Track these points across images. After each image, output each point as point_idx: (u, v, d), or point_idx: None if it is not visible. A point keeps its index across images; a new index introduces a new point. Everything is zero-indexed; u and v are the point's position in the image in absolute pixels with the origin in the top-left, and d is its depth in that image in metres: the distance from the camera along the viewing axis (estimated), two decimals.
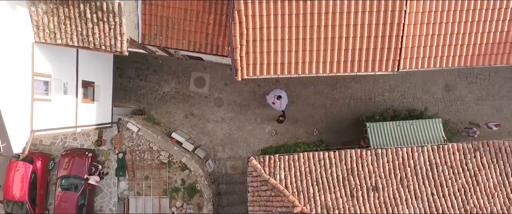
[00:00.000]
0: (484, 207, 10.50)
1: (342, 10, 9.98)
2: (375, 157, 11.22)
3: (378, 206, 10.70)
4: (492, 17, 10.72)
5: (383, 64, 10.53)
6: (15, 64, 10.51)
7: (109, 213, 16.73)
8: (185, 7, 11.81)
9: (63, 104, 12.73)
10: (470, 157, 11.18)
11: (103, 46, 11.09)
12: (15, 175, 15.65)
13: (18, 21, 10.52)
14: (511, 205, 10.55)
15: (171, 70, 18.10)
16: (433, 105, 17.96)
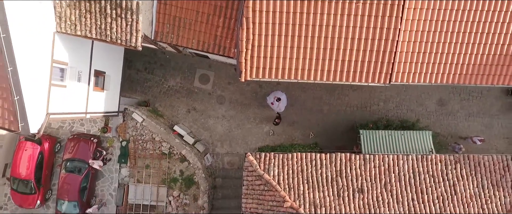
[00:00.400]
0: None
1: (342, 24, 11.00)
2: (363, 162, 12.24)
3: (362, 207, 11.71)
4: (480, 40, 11.72)
5: (376, 76, 11.55)
6: (36, 51, 11.53)
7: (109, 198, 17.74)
8: (197, 9, 12.83)
9: (76, 91, 13.76)
10: (450, 168, 12.20)
11: (119, 40, 12.11)
12: (23, 155, 16.68)
13: (42, 11, 11.54)
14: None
15: (177, 66, 19.11)
16: (425, 117, 18.95)
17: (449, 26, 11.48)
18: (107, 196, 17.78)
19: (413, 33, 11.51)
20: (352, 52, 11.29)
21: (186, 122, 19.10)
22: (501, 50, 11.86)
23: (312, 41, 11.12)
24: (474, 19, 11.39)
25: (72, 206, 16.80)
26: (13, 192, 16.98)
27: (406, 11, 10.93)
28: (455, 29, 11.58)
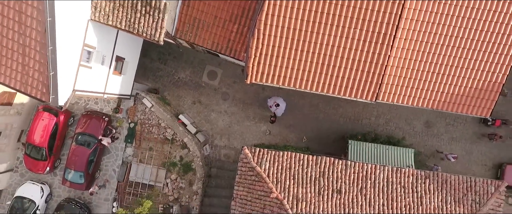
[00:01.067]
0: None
1: (340, 45, 12.93)
2: (344, 167, 14.17)
3: (338, 206, 13.65)
4: (460, 73, 13.63)
5: (364, 93, 13.47)
6: (72, 35, 13.46)
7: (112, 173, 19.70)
8: (216, 14, 14.77)
9: (99, 73, 15.71)
10: (420, 182, 14.13)
11: (144, 34, 14.06)
12: (40, 124, 18.61)
13: (80, 1, 13.45)
14: None
15: (189, 60, 21.05)
16: (411, 136, 20.87)
17: (434, 58, 13.39)
18: (110, 171, 19.72)
19: (402, 60, 13.42)
20: (346, 70, 13.22)
21: (190, 112, 21.03)
22: (476, 85, 13.77)
23: (312, 57, 13.06)
24: (456, 55, 13.30)
25: (78, 176, 18.73)
26: (26, 156, 18.92)
27: (396, 40, 12.85)
28: (439, 61, 13.48)
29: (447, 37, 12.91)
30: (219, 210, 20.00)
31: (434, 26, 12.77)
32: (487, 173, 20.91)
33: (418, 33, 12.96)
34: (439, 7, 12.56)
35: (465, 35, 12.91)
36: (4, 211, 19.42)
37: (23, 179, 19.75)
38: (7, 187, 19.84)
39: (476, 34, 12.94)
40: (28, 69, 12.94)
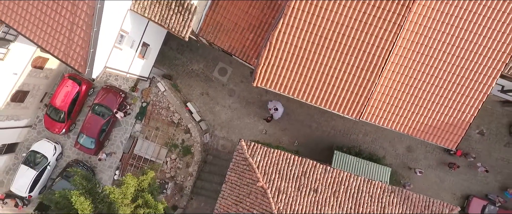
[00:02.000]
0: None
1: (336, 67, 15.70)
2: (323, 171, 16.95)
3: (312, 202, 16.42)
4: (434, 108, 16.38)
5: (351, 111, 16.24)
6: (113, 20, 16.23)
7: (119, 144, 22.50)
8: (236, 22, 17.56)
9: (127, 54, 18.51)
10: (386, 194, 16.89)
11: (173, 29, 16.85)
12: (64, 89, 21.45)
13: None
14: None
15: (204, 54, 23.82)
16: (392, 157, 23.62)
17: (414, 91, 16.13)
18: (118, 142, 22.53)
19: (387, 88, 16.17)
20: (338, 88, 16.01)
21: (197, 102, 23.81)
22: (448, 120, 16.53)
23: (312, 73, 15.84)
24: (433, 92, 16.06)
25: (89, 141, 21.55)
26: (46, 116, 21.74)
27: (385, 71, 15.62)
28: (418, 95, 16.23)
29: (425, 74, 15.67)
30: (209, 194, 22.80)
31: (415, 65, 15.53)
32: (454, 201, 23.66)
33: (404, 68, 15.72)
34: (421, 51, 15.32)
35: (439, 77, 15.67)
36: (19, 161, 22.24)
37: (39, 136, 22.58)
38: (24, 141, 22.67)
39: (450, 78, 15.70)
40: (72, 43, 15.74)
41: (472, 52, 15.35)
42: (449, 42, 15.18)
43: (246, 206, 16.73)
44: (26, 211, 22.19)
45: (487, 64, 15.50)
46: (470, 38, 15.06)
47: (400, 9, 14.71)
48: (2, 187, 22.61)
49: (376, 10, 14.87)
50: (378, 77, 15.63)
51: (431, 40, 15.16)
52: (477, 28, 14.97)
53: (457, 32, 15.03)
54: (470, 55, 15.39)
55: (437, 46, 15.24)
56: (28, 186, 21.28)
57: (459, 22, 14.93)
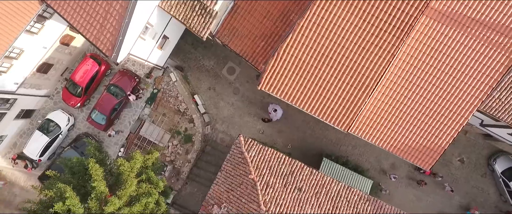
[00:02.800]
0: None
1: (332, 82, 18.17)
2: (309, 173, 19.45)
3: (295, 199, 18.90)
4: (415, 131, 18.85)
5: (340, 123, 18.72)
6: (142, 13, 18.69)
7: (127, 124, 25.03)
8: (250, 29, 20.05)
9: (148, 45, 21.00)
10: (362, 202, 19.38)
11: (193, 28, 19.34)
12: (84, 67, 23.97)
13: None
14: None
15: (216, 52, 26.30)
16: (376, 171, 26.09)
17: (398, 113, 18.60)
18: (126, 122, 25.05)
19: (375, 107, 18.62)
20: (332, 102, 18.48)
21: (204, 95, 26.29)
22: (426, 143, 19.01)
23: (311, 85, 18.35)
24: (416, 116, 18.53)
25: (101, 117, 24.06)
26: (64, 89, 24.26)
27: (375, 93, 18.08)
28: (402, 117, 18.70)
29: (409, 99, 18.16)
30: (203, 181, 25.30)
31: (402, 90, 18.01)
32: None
33: (392, 91, 18.19)
34: (408, 78, 17.80)
35: (422, 103, 18.16)
36: (34, 127, 24.75)
37: (55, 107, 25.12)
38: (40, 109, 25.19)
39: (432, 105, 18.18)
40: (103, 29, 18.23)
41: (453, 86, 17.81)
42: (434, 74, 17.65)
43: (236, 194, 19.24)
44: (34, 173, 24.71)
45: (466, 98, 17.96)
46: (452, 73, 17.53)
47: (395, 41, 17.18)
48: (15, 148, 25.13)
49: (375, 38, 17.34)
50: (368, 96, 18.10)
51: (418, 70, 17.65)
52: (459, 67, 17.44)
53: (441, 66, 17.50)
54: (451, 89, 17.86)
55: (423, 76, 17.73)
56: (40, 150, 23.79)
57: (443, 59, 17.40)
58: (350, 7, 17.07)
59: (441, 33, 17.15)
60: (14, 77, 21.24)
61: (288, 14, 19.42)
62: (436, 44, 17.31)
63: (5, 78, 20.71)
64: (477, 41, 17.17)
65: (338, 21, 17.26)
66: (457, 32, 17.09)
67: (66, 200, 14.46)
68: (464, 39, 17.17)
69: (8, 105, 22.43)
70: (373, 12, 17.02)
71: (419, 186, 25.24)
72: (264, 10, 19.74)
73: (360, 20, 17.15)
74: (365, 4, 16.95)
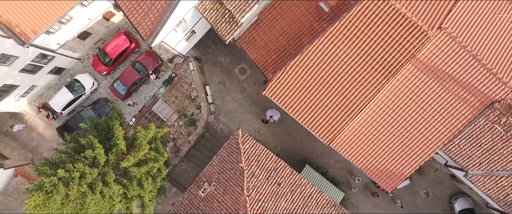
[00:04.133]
0: None
1: (325, 103, 22.67)
2: (290, 173, 23.98)
3: (273, 192, 23.40)
4: (385, 155, 23.33)
5: (325, 136, 23.19)
6: (180, 11, 23.14)
7: (143, 98, 29.59)
8: (266, 42, 24.56)
9: (178, 36, 25.51)
10: (329, 206, 23.85)
11: (219, 31, 23.82)
12: (117, 41, 28.49)
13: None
14: None
15: (233, 52, 30.78)
16: (352, 186, 30.55)
17: (375, 139, 23.06)
18: (142, 97, 29.58)
19: (356, 129, 23.08)
20: (321, 118, 22.96)
21: (214, 88, 30.80)
22: (392, 168, 23.50)
23: (306, 101, 22.80)
24: (388, 144, 23.02)
25: (122, 88, 28.57)
26: (96, 57, 28.79)
27: (358, 117, 22.55)
28: (377, 142, 23.16)
29: (385, 129, 22.65)
30: (197, 162, 29.85)
31: (380, 120, 22.50)
32: None
33: (372, 119, 22.67)
34: (387, 111, 22.28)
35: (394, 135, 22.64)
36: (61, 84, 29.30)
37: (84, 70, 29.67)
38: (70, 69, 29.71)
39: (403, 138, 22.67)
40: (146, 17, 22.70)
41: (423, 126, 22.30)
42: (408, 112, 22.13)
43: (225, 176, 23.76)
44: (53, 123, 29.26)
45: (431, 139, 22.45)
46: (423, 115, 22.02)
47: (382, 80, 21.65)
48: (41, 98, 29.66)
49: (366, 74, 21.82)
50: (352, 120, 22.58)
51: (396, 106, 22.15)
52: (430, 111, 21.92)
53: (415, 107, 21.99)
54: (421, 128, 22.36)
55: (399, 111, 22.23)
56: (63, 105, 28.32)
57: (418, 101, 21.89)
58: (352, 45, 21.55)
59: (421, 80, 21.64)
60: (58, 38, 25.69)
61: (301, 37, 23.92)
62: (415, 88, 21.79)
63: (51, 38, 25.17)
64: (449, 93, 21.66)
65: (339, 53, 21.74)
66: (433, 82, 21.58)
67: (95, 149, 18.92)
68: (439, 89, 21.66)
69: (46, 60, 26.92)
70: (369, 53, 21.49)
71: (372, 197, 29.76)
72: (282, 29, 24.25)
73: (357, 56, 21.64)
74: (364, 45, 21.42)
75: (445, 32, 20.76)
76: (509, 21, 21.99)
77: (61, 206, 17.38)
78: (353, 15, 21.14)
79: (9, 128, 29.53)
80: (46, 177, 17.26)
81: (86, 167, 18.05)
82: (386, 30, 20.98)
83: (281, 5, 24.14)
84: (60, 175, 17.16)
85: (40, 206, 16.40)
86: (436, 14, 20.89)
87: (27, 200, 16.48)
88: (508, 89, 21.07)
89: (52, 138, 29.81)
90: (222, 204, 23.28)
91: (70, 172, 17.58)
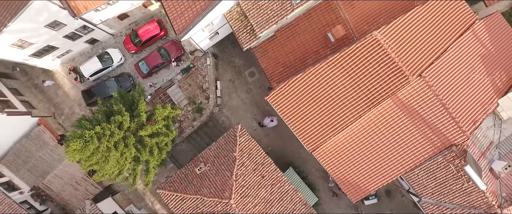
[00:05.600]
0: None
1: (314, 115, 28.33)
2: (274, 169, 29.62)
3: (257, 183, 29.05)
4: (357, 170, 28.95)
5: (309, 144, 28.79)
6: (212, 16, 28.72)
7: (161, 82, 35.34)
8: (277, 56, 30.23)
9: (204, 34, 31.19)
10: (301, 205, 29.48)
11: (239, 39, 29.45)
12: (149, 26, 34.24)
13: (228, 4, 28.78)
14: None
15: (247, 56, 36.43)
16: (324, 193, 36.18)
17: (351, 154, 28.67)
18: (160, 79, 35.27)
19: (337, 144, 28.67)
20: (309, 128, 28.60)
21: (224, 83, 36.46)
22: (361, 182, 29.12)
23: (300, 112, 28.45)
24: (361, 160, 28.65)
25: (145, 67, 34.32)
26: (128, 36, 34.54)
27: (341, 133, 28.14)
28: (351, 158, 28.77)
29: (360, 149, 28.29)
30: (196, 146, 35.56)
31: (359, 139, 28.14)
32: None
33: (352, 137, 28.26)
34: (367, 131, 27.90)
35: (367, 155, 28.28)
36: (93, 53, 35.00)
37: (115, 45, 35.39)
38: (103, 42, 35.39)
39: (374, 158, 28.29)
40: (181, 15, 28.34)
41: (390, 153, 27.94)
42: (381, 138, 27.75)
43: (219, 161, 29.42)
44: (79, 86, 34.97)
45: (396, 165, 28.08)
46: (393, 143, 27.67)
47: (365, 107, 27.23)
48: (73, 62, 35.37)
49: (353, 100, 27.38)
50: (334, 135, 28.16)
51: (372, 131, 27.77)
52: (399, 141, 27.55)
53: (387, 135, 27.61)
54: (388, 153, 28.00)
55: (374, 136, 27.87)
56: (92, 72, 34.08)
57: (390, 131, 27.53)
58: (346, 74, 27.14)
59: (396, 115, 27.27)
60: (101, 15, 31.30)
61: (307, 58, 29.60)
62: (390, 120, 27.41)
63: (96, 14, 30.77)
64: (418, 130, 27.27)
65: (335, 79, 27.35)
66: (407, 118, 27.20)
67: (124, 116, 24.55)
68: (410, 125, 27.28)
69: (86, 31, 32.58)
70: (359, 83, 27.07)
71: (332, 197, 35.40)
72: (292, 48, 29.92)
73: (348, 84, 27.26)
74: (356, 76, 27.00)
75: (423, 80, 26.39)
76: (478, 80, 27.61)
77: (91, 154, 23.05)
78: (352, 50, 26.75)
79: (41, 82, 35.27)
80: (85, 130, 22.93)
81: (115, 128, 23.74)
82: (376, 68, 26.59)
83: (295, 28, 29.79)
84: (97, 130, 22.85)
85: (77, 150, 22.11)
86: (420, 63, 26.53)
87: (70, 143, 22.10)
88: (466, 137, 26.70)
89: (75, 98, 35.56)
90: (212, 183, 28.96)
91: (104, 130, 23.28)
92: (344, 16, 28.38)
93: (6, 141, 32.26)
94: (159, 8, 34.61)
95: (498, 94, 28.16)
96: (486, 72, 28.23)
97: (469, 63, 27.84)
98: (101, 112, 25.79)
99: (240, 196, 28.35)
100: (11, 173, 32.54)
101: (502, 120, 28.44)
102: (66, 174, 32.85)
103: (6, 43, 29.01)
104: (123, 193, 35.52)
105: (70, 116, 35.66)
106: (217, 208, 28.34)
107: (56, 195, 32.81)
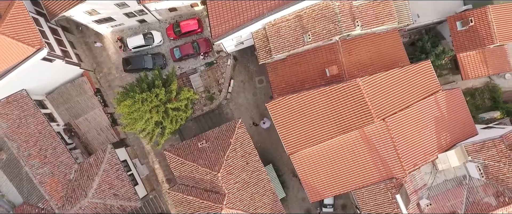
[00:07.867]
0: None
1: (303, 128, 39.74)
2: (257, 160, 41.04)
3: (241, 166, 40.48)
4: (319, 178, 40.34)
5: (289, 147, 40.14)
6: (244, 31, 39.96)
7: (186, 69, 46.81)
8: (283, 75, 41.75)
9: (233, 42, 42.59)
10: (270, 193, 40.89)
11: (258, 54, 40.85)
12: (190, 21, 45.81)
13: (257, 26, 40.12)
14: None
15: (260, 66, 47.75)
16: (293, 193, 47.55)
17: (319, 165, 40.03)
18: (187, 65, 46.70)
19: (311, 154, 39.99)
20: (292, 136, 39.97)
21: (236, 83, 47.89)
22: (319, 186, 40.55)
23: (289, 121, 39.84)
24: (325, 172, 40.08)
25: (178, 53, 46.02)
26: (171, 25, 46.26)
27: (316, 148, 39.48)
28: (319, 167, 40.14)
29: (328, 162, 39.67)
30: (201, 126, 46.98)
31: (327, 155, 39.53)
32: None
33: (322, 153, 39.62)
34: (332, 153, 39.31)
35: (332, 168, 39.70)
36: (140, 31, 46.44)
37: (159, 29, 46.92)
38: (150, 24, 46.81)
39: (332, 171, 39.69)
40: (221, 25, 39.62)
41: (348, 169, 39.23)
42: (344, 157, 39.05)
43: (218, 142, 40.85)
44: (121, 54, 46.41)
45: (350, 180, 39.37)
46: (352, 163, 39.00)
47: (339, 132, 38.52)
48: (122, 33, 46.83)
49: (332, 123, 38.65)
50: (311, 146, 39.44)
51: (338, 151, 39.05)
52: (357, 163, 38.91)
53: (350, 156, 38.97)
54: (346, 169, 39.28)
55: (339, 155, 39.11)
56: (135, 45, 45.64)
57: (352, 154, 38.90)
58: (330, 103, 38.42)
59: (359, 143, 38.74)
60: (157, 5, 42.60)
61: (305, 82, 41.07)
62: (353, 145, 38.83)
63: (154, 4, 42.06)
64: (372, 159, 38.65)
65: (320, 105, 38.68)
66: (365, 148, 38.62)
67: (161, 89, 35.89)
68: (367, 154, 38.69)
69: (141, 13, 44.04)
70: (338, 112, 38.32)
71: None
72: (297, 71, 41.30)
73: (330, 111, 38.57)
74: (337, 107, 38.25)
75: (385, 124, 37.74)
76: (428, 135, 38.97)
77: (134, 111, 34.49)
78: (339, 88, 38.12)
79: (93, 42, 46.69)
80: (136, 93, 34.43)
81: (154, 98, 35.24)
82: (353, 105, 37.94)
83: (303, 57, 41.22)
84: (143, 96, 34.32)
85: (127, 106, 33.51)
86: (386, 111, 37.93)
87: (125, 101, 33.60)
88: (405, 175, 38.07)
89: (115, 62, 47.06)
90: (208, 157, 40.41)
91: (147, 97, 34.80)
92: (341, 59, 39.83)
93: (56, 82, 43.68)
94: (202, 10, 46.00)
95: (440, 150, 39.55)
96: (436, 131, 39.63)
97: (424, 121, 39.25)
98: (145, 82, 37.10)
99: (226, 173, 39.74)
100: (53, 107, 43.96)
101: (437, 170, 39.76)
102: (94, 120, 44.28)
103: (82, 10, 40.39)
104: (132, 147, 46.95)
105: (107, 75, 47.20)
106: (206, 177, 39.81)
107: (82, 134, 44.25)
